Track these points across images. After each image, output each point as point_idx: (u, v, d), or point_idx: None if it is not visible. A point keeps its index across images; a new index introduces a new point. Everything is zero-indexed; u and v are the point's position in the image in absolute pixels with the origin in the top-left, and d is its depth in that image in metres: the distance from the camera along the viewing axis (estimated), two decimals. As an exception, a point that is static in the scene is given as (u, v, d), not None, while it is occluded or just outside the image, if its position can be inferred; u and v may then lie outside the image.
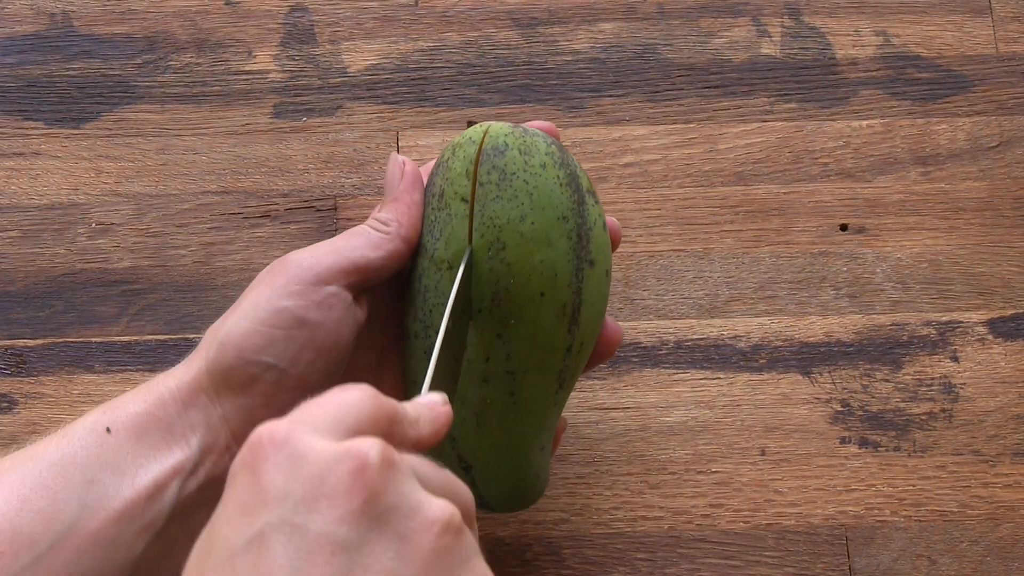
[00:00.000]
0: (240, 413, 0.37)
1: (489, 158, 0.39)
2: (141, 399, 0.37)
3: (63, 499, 0.34)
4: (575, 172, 0.41)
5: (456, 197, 0.39)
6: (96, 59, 0.56)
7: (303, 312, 0.37)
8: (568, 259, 0.39)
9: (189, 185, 0.54)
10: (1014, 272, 0.52)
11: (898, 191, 0.54)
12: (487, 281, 0.39)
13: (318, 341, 0.37)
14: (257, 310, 0.37)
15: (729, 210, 0.53)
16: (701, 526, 0.48)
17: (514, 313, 0.39)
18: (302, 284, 0.37)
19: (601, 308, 0.41)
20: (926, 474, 0.49)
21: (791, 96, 0.55)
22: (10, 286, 0.52)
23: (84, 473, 0.34)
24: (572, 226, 0.39)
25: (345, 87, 0.55)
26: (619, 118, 0.55)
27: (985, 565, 0.47)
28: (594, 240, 0.40)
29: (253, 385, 0.37)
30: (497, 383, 0.40)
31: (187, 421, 0.37)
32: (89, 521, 0.34)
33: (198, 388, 0.37)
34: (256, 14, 0.57)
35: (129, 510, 0.35)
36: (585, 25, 0.57)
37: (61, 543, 0.33)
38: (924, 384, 0.50)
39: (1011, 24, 0.57)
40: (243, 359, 0.37)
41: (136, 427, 0.36)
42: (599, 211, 0.41)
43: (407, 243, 0.40)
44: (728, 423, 0.50)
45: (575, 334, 0.40)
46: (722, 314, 0.52)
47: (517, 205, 0.39)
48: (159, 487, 0.35)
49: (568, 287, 0.39)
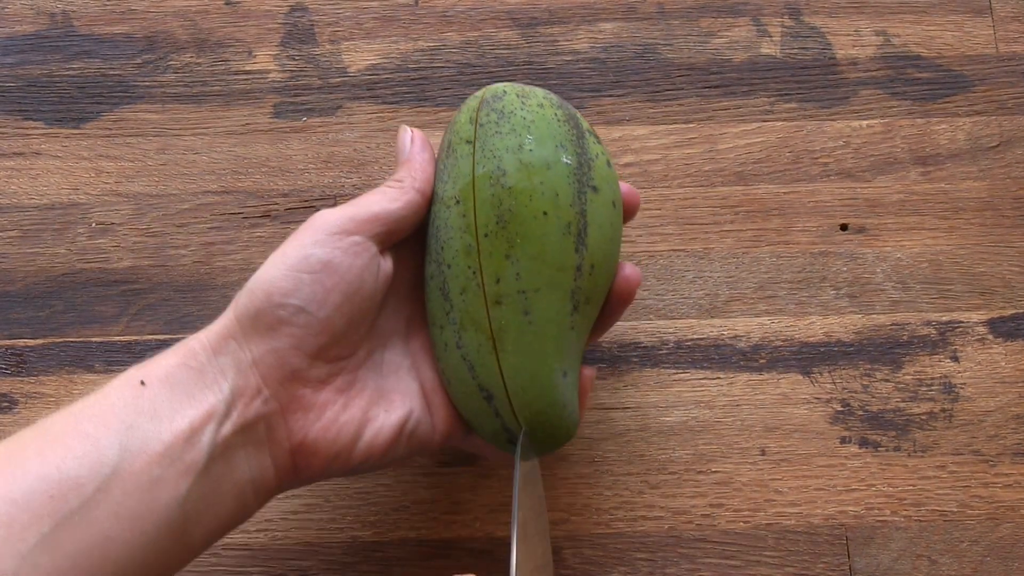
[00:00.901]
0: (269, 356, 0.39)
1: (488, 103, 0.42)
2: (172, 353, 0.38)
3: (105, 444, 0.35)
4: (574, 114, 0.43)
5: (461, 141, 0.42)
6: (96, 59, 0.56)
7: (330, 256, 0.39)
8: (569, 181, 0.41)
9: (189, 185, 0.54)
10: (1014, 272, 0.52)
11: (898, 191, 0.54)
12: (491, 206, 0.40)
13: (344, 285, 0.39)
14: (286, 259, 0.39)
15: (729, 210, 0.53)
16: (701, 526, 0.48)
17: (519, 232, 0.40)
18: (327, 234, 0.39)
19: (610, 235, 0.42)
20: (926, 474, 0.49)
21: (791, 96, 0.55)
22: (10, 286, 0.52)
23: (123, 420, 0.36)
24: (571, 152, 0.41)
25: (345, 87, 0.55)
26: (619, 118, 0.55)
27: (985, 565, 0.47)
28: (596, 169, 0.42)
29: (281, 327, 0.38)
30: (510, 304, 0.40)
31: (217, 367, 0.38)
32: (132, 463, 0.35)
33: (227, 335, 0.39)
34: (256, 14, 0.57)
35: (169, 452, 0.36)
36: (585, 25, 0.57)
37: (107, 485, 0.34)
38: (924, 384, 0.50)
39: (1011, 24, 0.57)
40: (271, 302, 0.38)
41: (169, 377, 0.37)
42: (601, 150, 0.43)
43: (422, 194, 0.42)
44: (728, 423, 0.50)
45: (583, 254, 0.41)
46: (722, 314, 0.52)
47: (515, 136, 0.41)
48: (195, 430, 0.36)
49: (571, 207, 0.41)
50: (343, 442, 0.40)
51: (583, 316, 0.42)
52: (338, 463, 0.40)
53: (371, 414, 0.41)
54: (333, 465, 0.40)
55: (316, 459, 0.40)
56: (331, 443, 0.40)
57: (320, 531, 0.48)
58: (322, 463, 0.40)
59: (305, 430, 0.39)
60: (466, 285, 0.41)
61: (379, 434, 0.40)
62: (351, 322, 0.40)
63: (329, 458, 0.40)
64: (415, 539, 0.48)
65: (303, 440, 0.39)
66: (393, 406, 0.41)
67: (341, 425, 0.40)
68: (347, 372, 0.41)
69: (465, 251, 0.41)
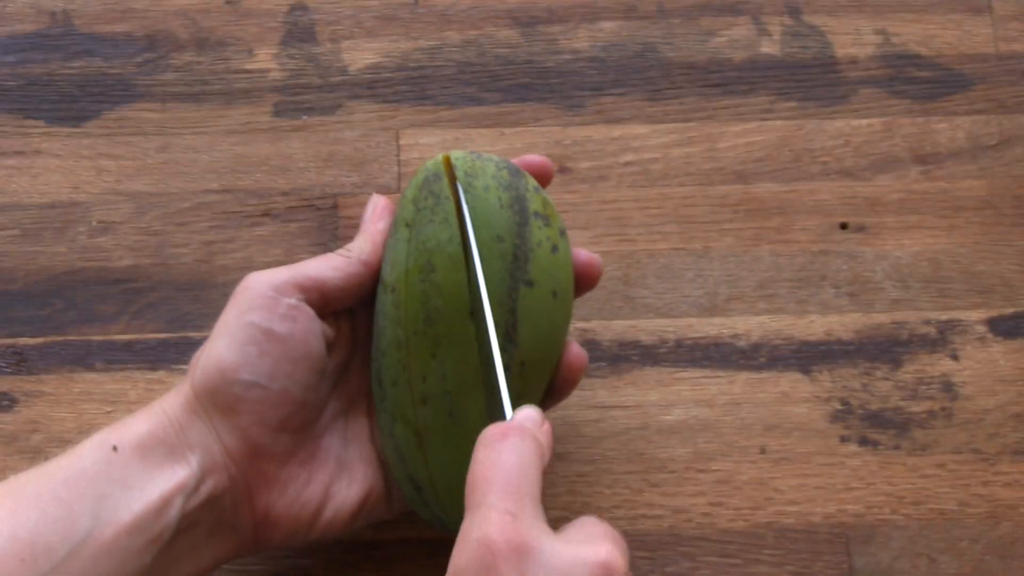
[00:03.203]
0: (234, 433, 0.39)
1: (428, 183, 0.41)
2: (143, 420, 0.38)
3: (77, 510, 0.35)
4: (523, 195, 0.41)
5: (402, 223, 0.41)
6: (97, 58, 0.56)
7: (268, 324, 0.39)
8: (501, 279, 0.40)
9: (189, 184, 0.54)
10: (1014, 271, 0.52)
11: (898, 190, 0.54)
12: (420, 301, 0.40)
13: (291, 352, 0.39)
14: (228, 330, 0.39)
15: (729, 209, 0.53)
16: (701, 524, 0.48)
17: (445, 333, 0.40)
18: (262, 298, 0.39)
19: (548, 329, 0.41)
20: (926, 472, 0.49)
21: (791, 95, 0.55)
22: (11, 284, 0.52)
23: (96, 487, 0.36)
24: (508, 246, 0.40)
25: (345, 86, 0.55)
26: (619, 117, 0.55)
27: (985, 563, 0.48)
28: (535, 261, 0.40)
29: (239, 405, 0.38)
30: (435, 404, 0.40)
31: (186, 441, 0.38)
32: (103, 532, 0.35)
33: (191, 411, 0.39)
34: (256, 13, 0.57)
35: (139, 522, 0.36)
36: (585, 24, 0.57)
37: (77, 552, 0.35)
38: (924, 383, 0.50)
39: (1011, 23, 0.57)
40: (225, 379, 0.38)
41: (141, 446, 0.37)
42: (548, 234, 0.41)
43: (366, 266, 0.41)
44: (728, 422, 0.50)
45: (512, 353, 0.40)
46: (722, 312, 0.52)
47: (447, 228, 0.40)
48: (165, 501, 0.37)
49: (500, 306, 0.39)
50: (304, 518, 0.40)
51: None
52: (298, 536, 0.40)
53: (333, 490, 0.41)
54: (293, 538, 0.40)
55: (277, 532, 0.40)
56: (294, 519, 0.40)
57: (320, 529, 0.48)
58: (282, 536, 0.40)
59: (269, 506, 0.39)
60: (397, 377, 0.40)
61: (340, 511, 0.41)
62: (308, 387, 0.40)
63: (289, 532, 0.40)
64: (415, 538, 0.48)
65: (266, 515, 0.40)
66: (355, 479, 0.41)
67: (303, 503, 0.40)
68: (310, 441, 0.41)
69: (396, 344, 0.40)
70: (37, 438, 0.49)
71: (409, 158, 0.54)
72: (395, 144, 0.54)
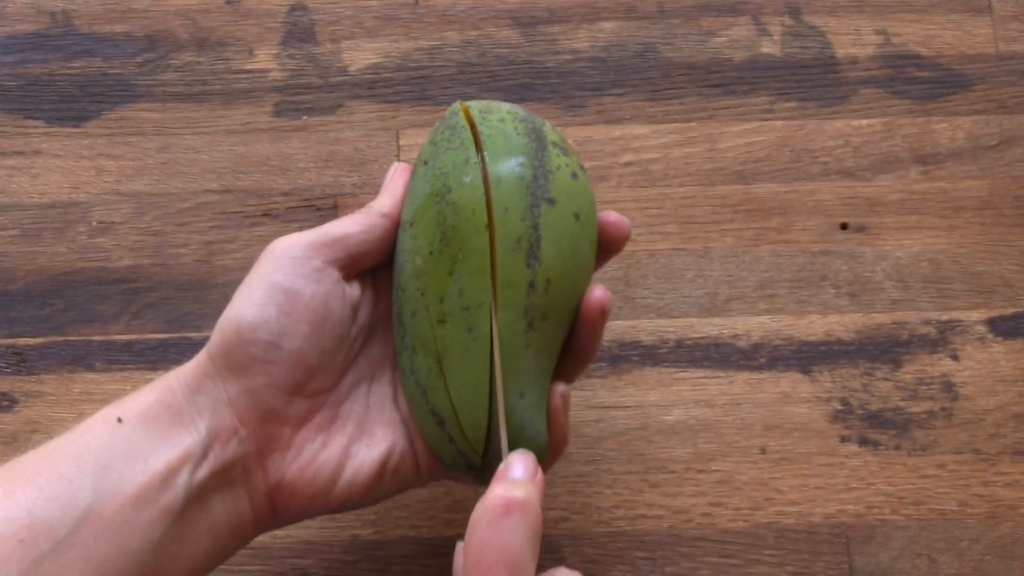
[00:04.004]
0: (246, 397, 0.38)
1: (444, 121, 0.42)
2: (150, 391, 0.38)
3: (78, 486, 0.34)
4: (538, 127, 0.41)
5: (420, 163, 0.41)
6: (97, 58, 0.56)
7: (291, 283, 0.38)
8: (520, 195, 0.39)
9: (190, 184, 0.54)
10: (1014, 271, 0.52)
11: (898, 190, 0.54)
12: (436, 223, 0.39)
13: (311, 314, 0.38)
14: (251, 291, 0.38)
15: (729, 209, 0.53)
16: (701, 525, 0.48)
17: (461, 248, 0.39)
18: (288, 260, 0.39)
19: (572, 251, 0.40)
20: (926, 473, 0.49)
21: (791, 95, 0.55)
22: (11, 285, 0.52)
23: (97, 461, 0.35)
24: (527, 167, 0.39)
25: (345, 86, 0.55)
26: (619, 117, 0.55)
27: (985, 564, 0.48)
28: (555, 181, 0.40)
29: (254, 366, 0.38)
30: (453, 321, 0.39)
31: (194, 407, 0.37)
32: (104, 506, 0.34)
33: (204, 375, 0.38)
34: (257, 13, 0.57)
35: (143, 494, 0.35)
36: (585, 24, 0.57)
37: (78, 528, 0.34)
38: (924, 383, 0.50)
39: (1011, 23, 0.57)
40: (242, 339, 0.38)
41: (146, 415, 0.37)
42: (567, 162, 0.41)
43: (387, 218, 0.41)
44: (728, 422, 0.50)
45: (536, 269, 0.39)
46: (722, 313, 0.52)
47: (463, 151, 0.40)
48: (171, 471, 0.36)
49: (521, 220, 0.39)
50: (321, 482, 0.39)
51: (541, 334, 0.39)
52: (318, 503, 0.39)
53: (352, 450, 0.40)
54: (313, 505, 0.39)
55: (295, 500, 0.39)
56: (309, 483, 0.39)
57: (320, 529, 0.48)
58: (301, 504, 0.39)
59: (282, 471, 0.39)
60: (416, 307, 0.39)
61: (360, 471, 0.39)
62: (325, 353, 0.39)
63: (308, 499, 0.39)
64: (415, 538, 0.48)
65: (280, 481, 0.39)
66: (375, 440, 0.40)
67: (319, 465, 0.39)
68: (328, 407, 0.40)
69: (415, 273, 0.39)
70: (37, 438, 0.49)
71: (409, 158, 0.54)
72: (395, 144, 0.54)
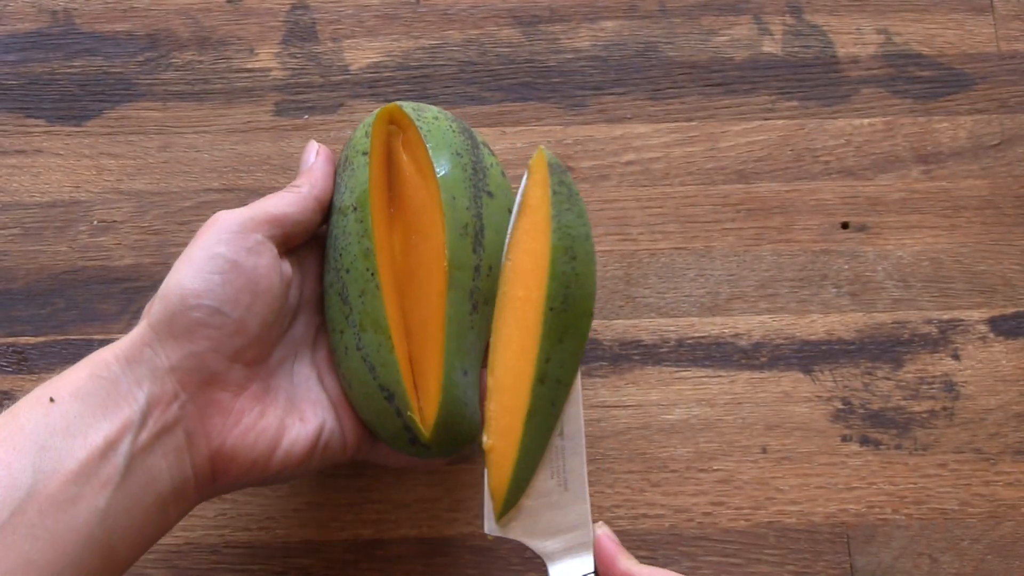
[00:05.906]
0: (188, 360, 0.39)
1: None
2: (82, 366, 0.38)
3: (17, 468, 0.35)
4: (467, 127, 0.45)
5: (357, 154, 0.43)
6: (98, 57, 0.56)
7: (235, 255, 0.40)
8: (465, 186, 0.43)
9: (191, 183, 0.54)
10: (1015, 270, 0.52)
11: (899, 189, 0.54)
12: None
13: (252, 285, 0.40)
14: (194, 260, 0.40)
15: (731, 208, 0.53)
16: (702, 524, 0.48)
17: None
18: (230, 233, 0.40)
19: (501, 240, 0.43)
20: (927, 472, 0.49)
21: (793, 94, 0.55)
22: (12, 283, 0.52)
23: (34, 441, 0.35)
24: (467, 161, 0.43)
25: (347, 85, 0.55)
26: (621, 116, 0.55)
27: (986, 563, 0.48)
28: (491, 177, 0.44)
29: (198, 330, 0.39)
30: None
31: (132, 377, 0.38)
32: (47, 484, 0.35)
33: (142, 343, 0.39)
34: (258, 12, 0.57)
35: (84, 469, 0.35)
36: (587, 23, 0.57)
37: (22, 508, 0.34)
38: (925, 382, 0.50)
39: (1012, 22, 0.57)
40: (186, 304, 0.39)
41: (80, 391, 0.37)
42: (495, 161, 0.45)
43: (318, 201, 0.43)
44: (729, 421, 0.50)
45: (480, 255, 0.42)
46: (723, 312, 0.52)
47: None
48: (111, 443, 0.36)
49: (467, 210, 0.42)
50: (261, 449, 0.40)
51: (482, 317, 0.43)
52: (256, 471, 0.40)
53: (287, 423, 0.41)
54: (251, 473, 0.40)
55: (234, 465, 0.40)
56: (249, 449, 0.40)
57: (322, 529, 0.48)
58: (240, 470, 0.40)
59: (224, 435, 0.40)
60: (365, 287, 0.42)
61: (295, 444, 0.41)
62: (264, 322, 0.41)
63: (247, 465, 0.40)
64: (416, 537, 0.48)
65: (221, 445, 0.40)
66: (306, 417, 0.42)
67: (259, 432, 0.40)
68: (261, 379, 0.41)
69: (363, 254, 0.42)
70: None
71: (410, 157, 0.54)
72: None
